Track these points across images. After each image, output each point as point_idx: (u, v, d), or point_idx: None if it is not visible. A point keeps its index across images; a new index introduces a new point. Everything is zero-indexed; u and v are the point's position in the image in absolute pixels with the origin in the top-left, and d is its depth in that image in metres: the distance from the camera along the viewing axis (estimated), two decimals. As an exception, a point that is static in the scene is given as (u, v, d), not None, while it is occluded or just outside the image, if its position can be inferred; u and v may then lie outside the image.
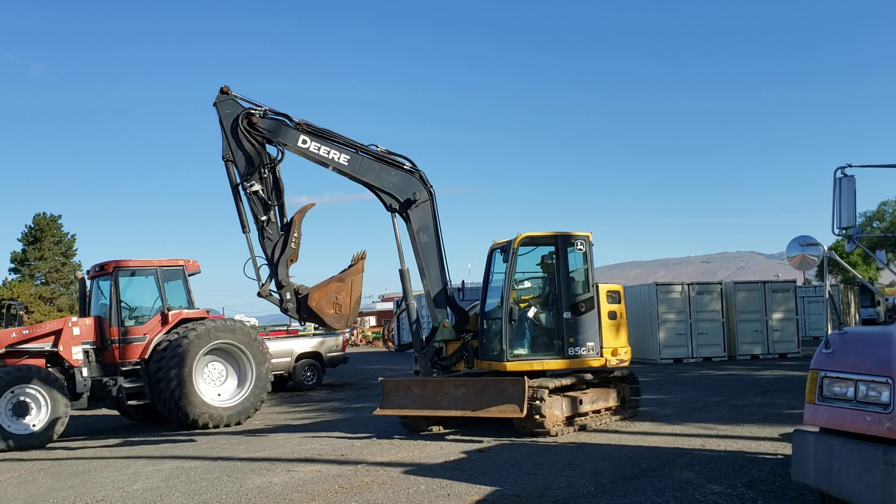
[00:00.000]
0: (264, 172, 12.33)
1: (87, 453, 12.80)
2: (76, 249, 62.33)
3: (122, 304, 15.36)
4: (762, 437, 11.29)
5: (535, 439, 11.66)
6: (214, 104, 12.37)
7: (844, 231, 6.15)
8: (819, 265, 6.24)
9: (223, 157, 12.29)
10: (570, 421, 12.37)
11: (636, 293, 30.59)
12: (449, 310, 13.27)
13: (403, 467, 9.96)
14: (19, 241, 60.86)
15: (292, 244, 12.38)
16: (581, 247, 12.98)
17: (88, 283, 16.49)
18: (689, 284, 28.64)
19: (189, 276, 16.25)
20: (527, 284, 13.61)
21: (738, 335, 28.45)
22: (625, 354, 13.12)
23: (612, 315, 13.08)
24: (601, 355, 12.81)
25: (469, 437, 12.11)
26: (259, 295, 12.35)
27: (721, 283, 29.66)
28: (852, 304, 41.41)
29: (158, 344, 15.10)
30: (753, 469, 9.00)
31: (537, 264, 13.43)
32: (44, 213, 60.94)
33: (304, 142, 12.50)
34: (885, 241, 42.45)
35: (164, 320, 15.40)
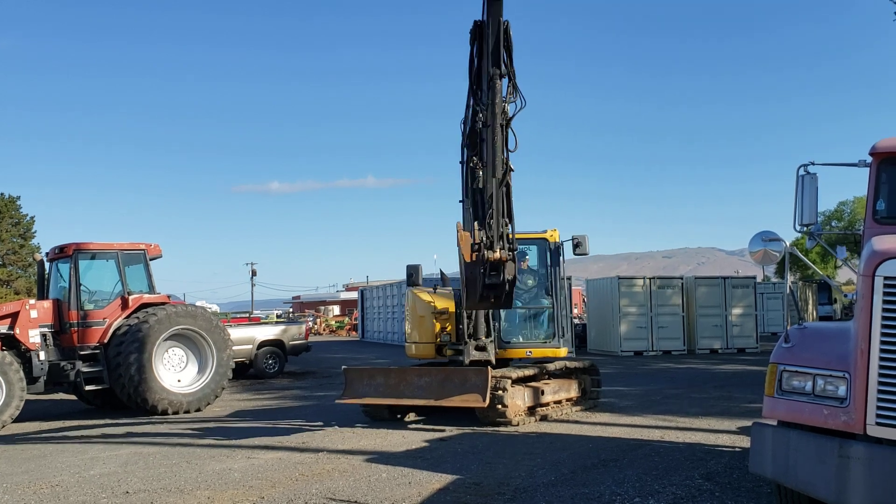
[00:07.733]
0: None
1: (43, 438, 12.61)
2: (35, 231, 61.34)
3: (82, 288, 15.12)
4: (720, 429, 11.45)
5: (496, 429, 11.71)
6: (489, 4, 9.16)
7: (806, 228, 6.26)
8: (780, 260, 6.35)
9: (499, 72, 9.17)
10: (531, 411, 12.46)
11: (599, 286, 30.91)
12: None
13: (365, 455, 9.95)
14: (-25, 222, 59.71)
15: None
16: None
17: (47, 265, 16.23)
18: (650, 279, 29.02)
19: (150, 260, 16.05)
20: None
21: (697, 329, 28.87)
22: None
23: None
24: None
25: (431, 426, 12.13)
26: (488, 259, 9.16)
27: (682, 278, 30.12)
28: (810, 302, 42.23)
29: (118, 328, 14.90)
30: (711, 461, 9.13)
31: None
32: (2, 194, 59.83)
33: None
34: (845, 238, 43.29)
35: (125, 304, 15.19)
